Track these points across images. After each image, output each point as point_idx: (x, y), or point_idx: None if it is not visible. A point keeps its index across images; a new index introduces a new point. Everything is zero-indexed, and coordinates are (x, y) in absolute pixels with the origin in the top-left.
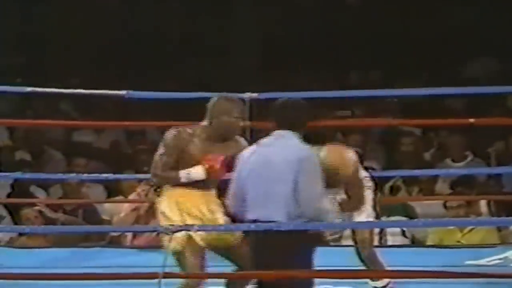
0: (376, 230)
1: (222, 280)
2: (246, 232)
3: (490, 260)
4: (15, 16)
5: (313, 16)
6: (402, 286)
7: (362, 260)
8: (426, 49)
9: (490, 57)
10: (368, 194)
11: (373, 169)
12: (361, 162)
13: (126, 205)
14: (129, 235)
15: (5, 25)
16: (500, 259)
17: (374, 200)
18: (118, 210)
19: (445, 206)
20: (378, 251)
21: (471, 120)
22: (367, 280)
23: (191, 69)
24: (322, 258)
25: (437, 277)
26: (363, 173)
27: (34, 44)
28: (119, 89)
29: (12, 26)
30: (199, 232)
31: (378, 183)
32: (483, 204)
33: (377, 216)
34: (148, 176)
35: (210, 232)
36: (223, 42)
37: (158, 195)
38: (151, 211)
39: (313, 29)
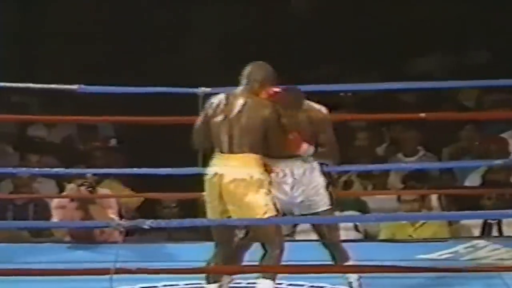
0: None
1: None
2: None
3: (441, 254)
4: None
5: (269, 11)
6: (342, 281)
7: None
8: (380, 43)
9: (444, 51)
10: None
11: (326, 164)
12: None
13: (54, 202)
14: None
15: None
16: (450, 253)
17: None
18: None
19: (399, 200)
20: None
21: (423, 114)
22: None
23: (146, 63)
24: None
25: (389, 272)
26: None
27: None
28: (76, 84)
29: None
30: None
31: (332, 177)
32: (434, 198)
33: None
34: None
35: None
36: (178, 36)
37: (91, 192)
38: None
39: (269, 24)
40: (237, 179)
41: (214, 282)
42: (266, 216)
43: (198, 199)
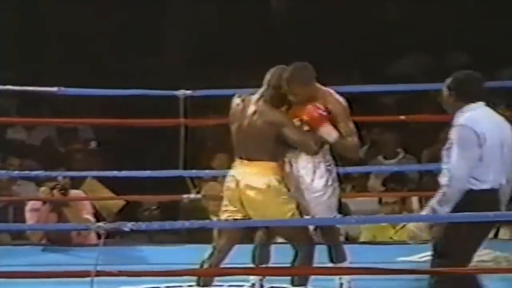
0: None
1: None
2: None
3: (422, 256)
4: None
5: (247, 13)
6: (335, 283)
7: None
8: (358, 45)
9: (423, 53)
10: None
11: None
12: None
13: (29, 205)
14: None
15: None
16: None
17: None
18: None
19: (380, 202)
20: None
21: (402, 117)
22: None
23: (126, 66)
24: None
25: (369, 274)
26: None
27: None
28: (54, 86)
29: None
30: None
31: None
32: (415, 200)
33: None
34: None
35: None
36: (157, 38)
37: (64, 194)
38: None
39: (248, 27)
40: (255, 187)
41: (205, 285)
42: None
43: (179, 201)
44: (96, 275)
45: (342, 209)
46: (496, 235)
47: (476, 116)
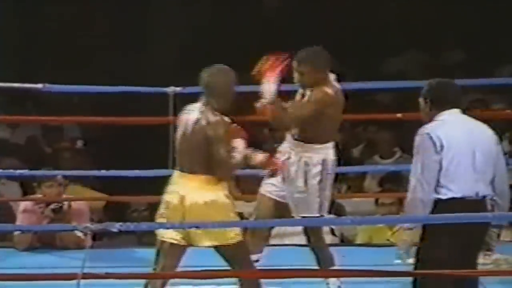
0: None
1: None
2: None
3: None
4: None
5: (239, 8)
6: None
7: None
8: (354, 42)
9: (419, 50)
10: None
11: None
12: None
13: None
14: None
15: None
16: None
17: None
18: None
19: (376, 203)
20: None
21: (399, 115)
22: None
23: (112, 63)
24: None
25: (365, 276)
26: None
27: None
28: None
29: None
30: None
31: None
32: None
33: None
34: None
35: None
36: (145, 35)
37: (56, 211)
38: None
39: (238, 24)
40: (201, 203)
41: None
42: (235, 240)
43: None
44: (83, 278)
45: (336, 209)
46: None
47: (440, 123)
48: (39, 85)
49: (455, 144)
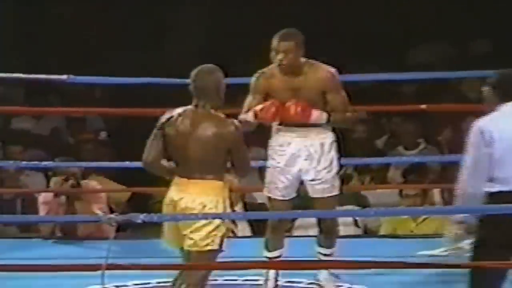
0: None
1: None
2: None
3: (444, 250)
4: None
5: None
6: (354, 277)
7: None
8: (379, 33)
9: (445, 41)
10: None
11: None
12: None
13: (41, 197)
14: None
15: None
16: (453, 249)
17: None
18: None
19: (401, 195)
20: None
21: (423, 106)
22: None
23: (134, 55)
24: None
25: (389, 267)
26: None
27: None
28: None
29: None
30: None
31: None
32: (436, 193)
33: None
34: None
35: None
36: (165, 28)
37: (73, 187)
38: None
39: (256, 17)
40: (188, 208)
41: None
42: (207, 249)
43: None
44: (107, 269)
45: (359, 201)
46: None
47: (496, 115)
48: (64, 77)
49: (505, 138)
